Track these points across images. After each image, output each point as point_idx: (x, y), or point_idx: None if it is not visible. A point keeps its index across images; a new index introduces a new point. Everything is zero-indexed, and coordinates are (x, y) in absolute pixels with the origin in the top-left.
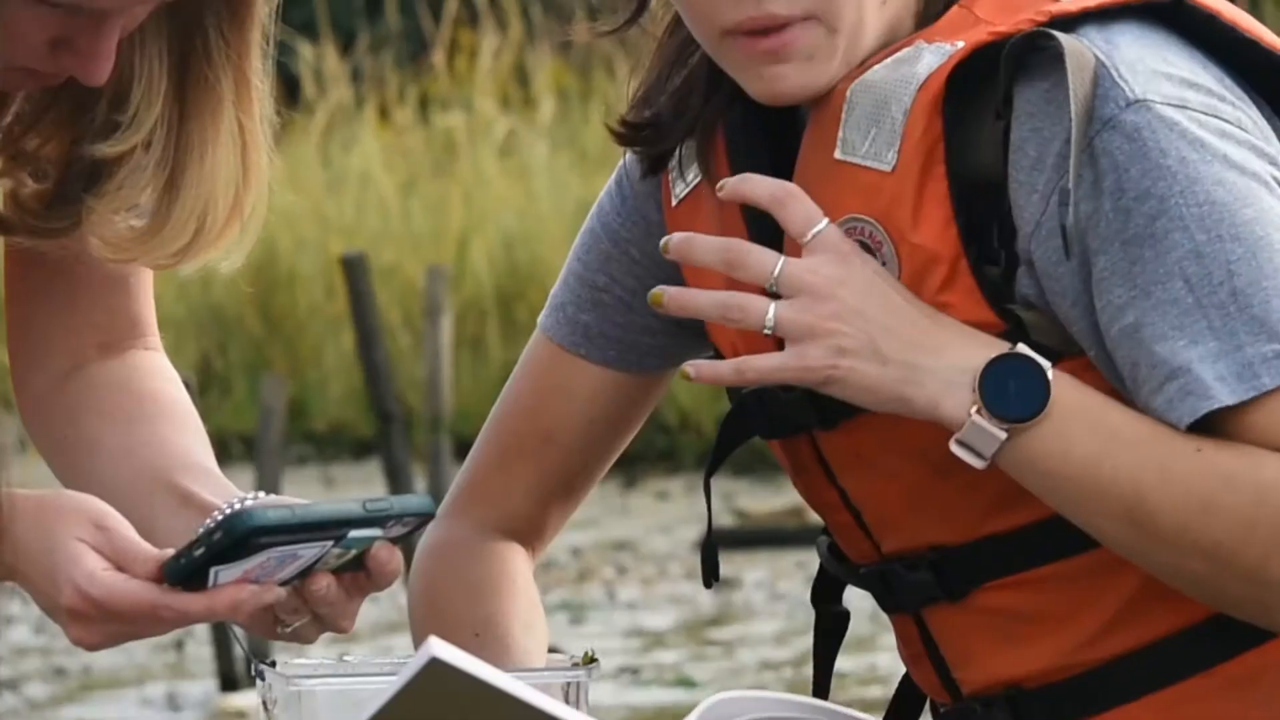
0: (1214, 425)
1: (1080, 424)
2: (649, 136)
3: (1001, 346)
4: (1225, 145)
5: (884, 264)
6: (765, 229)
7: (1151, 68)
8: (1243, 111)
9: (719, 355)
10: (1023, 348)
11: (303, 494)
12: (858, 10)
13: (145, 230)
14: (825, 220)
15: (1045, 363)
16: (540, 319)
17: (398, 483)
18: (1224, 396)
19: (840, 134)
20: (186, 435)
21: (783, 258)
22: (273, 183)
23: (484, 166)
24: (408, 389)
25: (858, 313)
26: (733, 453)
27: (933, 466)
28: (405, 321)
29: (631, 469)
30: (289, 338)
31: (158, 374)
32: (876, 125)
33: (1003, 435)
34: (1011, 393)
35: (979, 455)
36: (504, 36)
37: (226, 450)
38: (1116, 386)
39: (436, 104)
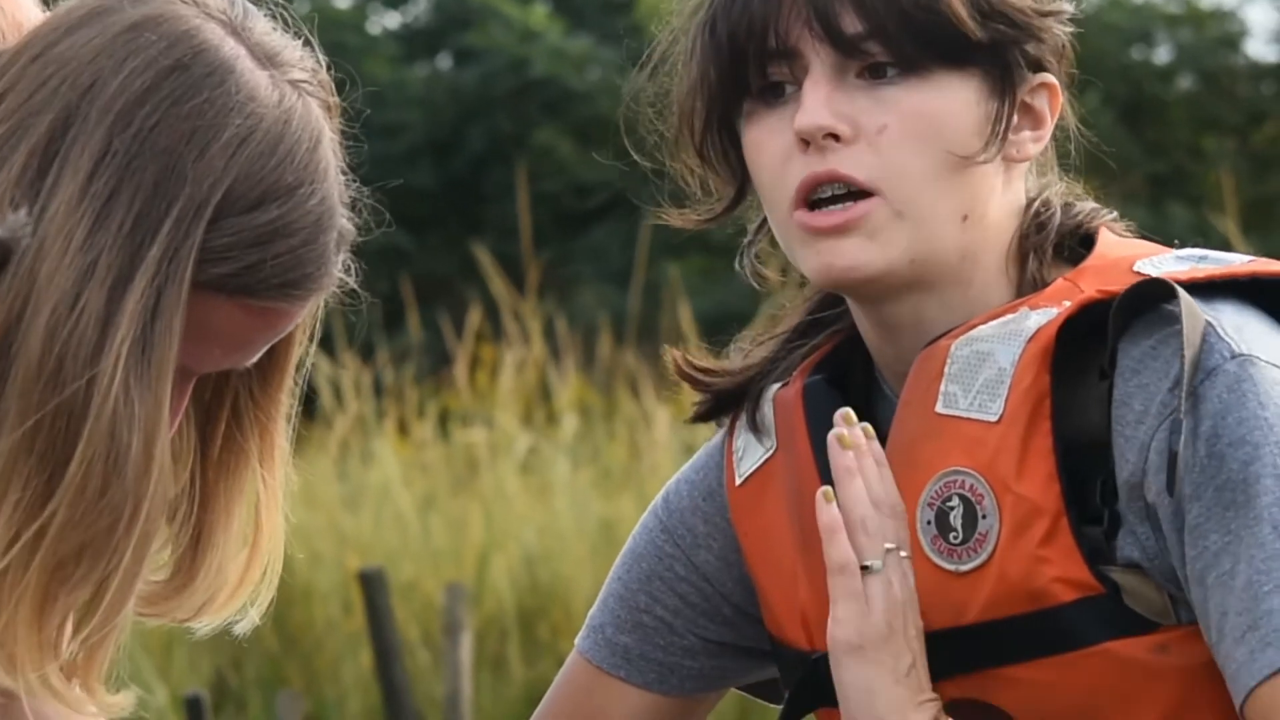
0: None
1: None
2: (721, 382)
3: None
4: None
5: (984, 517)
6: None
7: (1256, 331)
8: None
9: (786, 668)
10: None
11: None
12: (930, 206)
13: (171, 587)
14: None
15: None
16: (577, 640)
17: None
18: None
19: (942, 387)
20: None
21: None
22: (289, 497)
23: (505, 483)
24: (427, 708)
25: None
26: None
27: None
28: (424, 639)
29: None
30: (305, 654)
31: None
32: (982, 376)
33: None
34: None
35: None
36: (526, 352)
37: None
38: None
39: (457, 419)
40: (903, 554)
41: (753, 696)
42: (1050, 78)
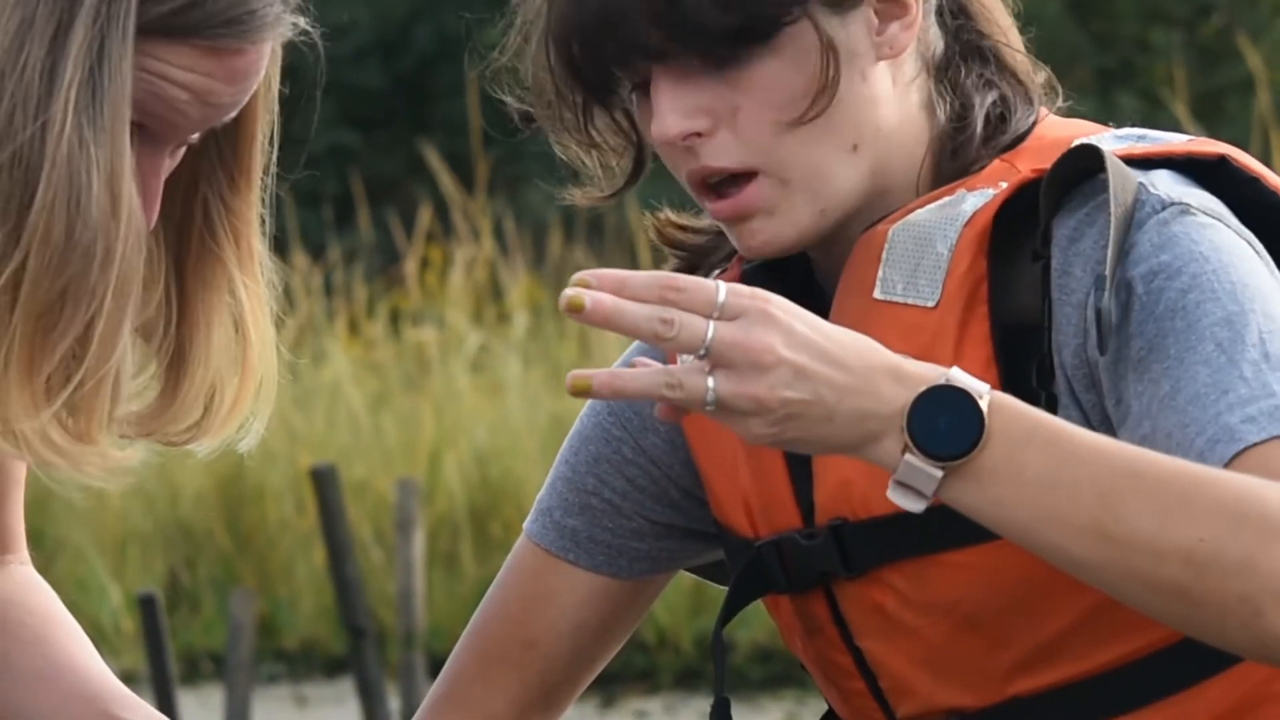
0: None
1: (1030, 446)
2: (698, 239)
3: (934, 379)
4: (1259, 254)
5: None
6: None
7: (1192, 193)
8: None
9: (732, 553)
10: (956, 376)
11: (274, 714)
12: (810, 163)
13: (155, 407)
14: (721, 285)
15: (979, 391)
16: (526, 524)
17: (370, 700)
18: (1251, 436)
19: (880, 273)
20: (97, 659)
21: (712, 325)
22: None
23: (456, 381)
24: (380, 605)
25: (798, 373)
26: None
27: (962, 619)
28: (377, 536)
29: (609, 688)
30: (258, 553)
31: (43, 590)
32: (919, 261)
33: (938, 474)
34: (942, 429)
35: (919, 495)
36: (477, 250)
37: (195, 668)
38: None
39: (407, 318)
40: (710, 328)
41: (702, 579)
42: None
